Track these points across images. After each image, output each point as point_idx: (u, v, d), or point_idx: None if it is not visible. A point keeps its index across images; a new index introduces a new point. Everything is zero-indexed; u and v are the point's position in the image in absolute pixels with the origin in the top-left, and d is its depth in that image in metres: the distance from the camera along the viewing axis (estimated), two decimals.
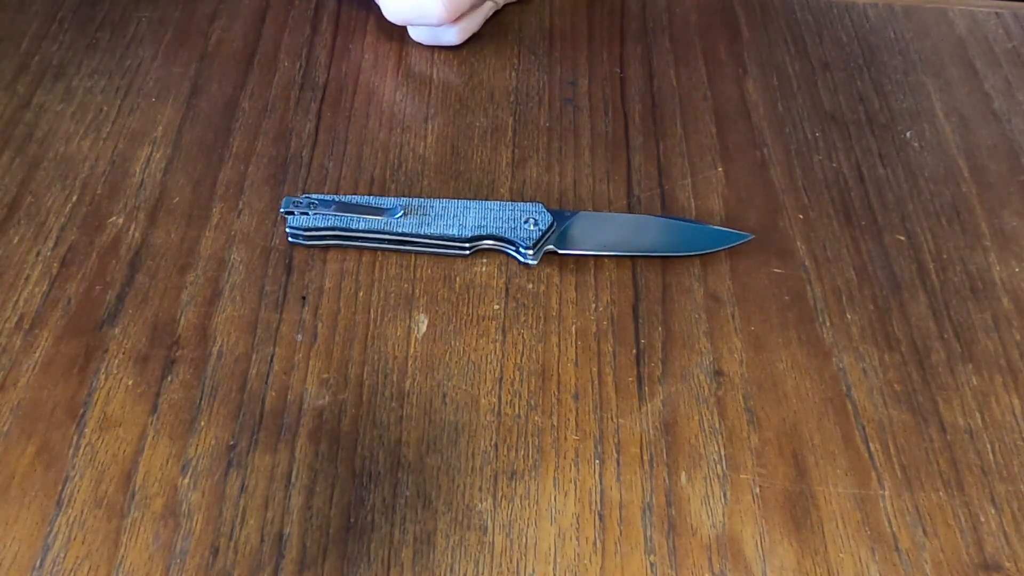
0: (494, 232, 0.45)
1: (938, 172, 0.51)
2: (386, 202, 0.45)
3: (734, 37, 0.57)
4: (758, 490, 0.39)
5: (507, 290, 0.44)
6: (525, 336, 0.43)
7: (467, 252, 0.45)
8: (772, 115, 0.53)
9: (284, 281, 0.44)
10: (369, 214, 0.45)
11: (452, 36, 0.53)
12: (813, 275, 0.46)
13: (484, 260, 0.45)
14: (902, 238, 0.48)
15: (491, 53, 0.55)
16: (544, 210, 0.45)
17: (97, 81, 0.52)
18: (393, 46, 0.55)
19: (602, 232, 0.46)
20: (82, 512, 0.36)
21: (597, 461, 0.39)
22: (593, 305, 0.44)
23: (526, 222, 0.45)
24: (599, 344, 0.43)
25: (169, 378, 0.40)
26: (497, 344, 0.42)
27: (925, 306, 0.45)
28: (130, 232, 0.45)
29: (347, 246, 0.45)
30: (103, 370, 0.40)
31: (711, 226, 0.47)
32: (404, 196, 0.46)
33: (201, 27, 0.55)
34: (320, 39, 0.55)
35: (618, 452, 0.39)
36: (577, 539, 0.37)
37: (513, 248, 0.45)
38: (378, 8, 0.56)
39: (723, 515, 0.38)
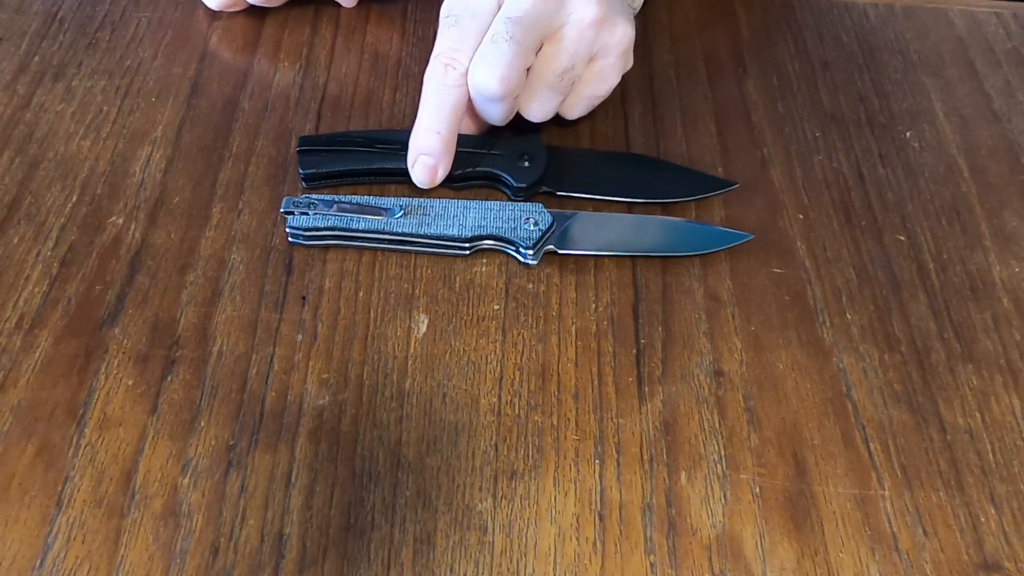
0: (494, 232, 0.45)
1: (938, 172, 0.51)
2: (386, 202, 0.45)
3: (734, 37, 0.57)
4: (758, 490, 0.39)
5: (507, 290, 0.44)
6: (525, 336, 0.43)
7: (467, 252, 0.45)
8: (772, 115, 0.53)
9: (284, 281, 0.44)
10: (369, 214, 0.45)
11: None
12: (813, 275, 0.46)
13: (484, 260, 0.45)
14: (902, 238, 0.48)
15: None
16: (544, 210, 0.45)
17: (97, 81, 0.52)
18: (393, 46, 0.55)
19: (602, 232, 0.46)
20: (82, 512, 0.36)
21: (597, 461, 0.39)
22: (593, 305, 0.44)
23: (526, 222, 0.45)
24: (599, 344, 0.43)
25: (169, 378, 0.40)
26: (497, 344, 0.42)
27: (925, 306, 0.45)
28: (130, 232, 0.45)
29: (347, 246, 0.45)
30: (103, 370, 0.40)
31: (711, 226, 0.47)
32: (404, 196, 0.46)
33: (201, 27, 0.55)
34: (320, 39, 0.55)
35: (618, 452, 0.39)
36: (577, 539, 0.37)
37: (513, 248, 0.45)
38: (378, 7, 0.56)
39: (723, 515, 0.38)
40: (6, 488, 0.37)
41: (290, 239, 0.45)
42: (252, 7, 0.54)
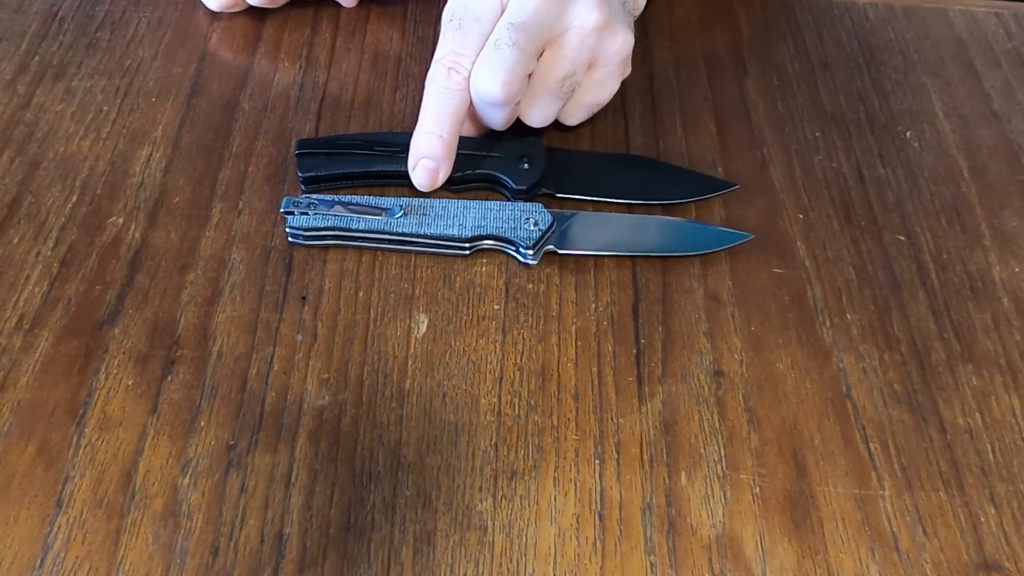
0: (494, 232, 0.45)
1: (938, 172, 0.51)
2: (386, 202, 0.45)
3: (734, 37, 0.57)
4: (758, 490, 0.39)
5: (507, 290, 0.44)
6: (525, 336, 0.43)
7: (467, 252, 0.45)
8: (772, 115, 0.53)
9: (284, 281, 0.44)
10: (369, 214, 0.45)
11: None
12: (813, 275, 0.46)
13: (484, 260, 0.45)
14: (902, 238, 0.48)
15: None
16: (544, 210, 0.45)
17: (97, 81, 0.51)
18: (393, 46, 0.55)
19: (602, 232, 0.46)
20: (82, 512, 0.36)
21: (597, 461, 0.39)
22: (593, 305, 0.44)
23: (526, 222, 0.45)
24: (599, 344, 0.43)
25: (169, 378, 0.40)
26: (497, 344, 0.42)
27: (925, 306, 0.45)
28: (130, 232, 0.45)
29: (347, 246, 0.45)
30: (103, 370, 0.40)
31: (711, 226, 0.47)
32: (404, 196, 0.46)
33: (201, 27, 0.55)
34: (320, 39, 0.55)
35: (618, 452, 0.39)
36: (577, 539, 0.37)
37: (513, 248, 0.45)
38: (378, 7, 0.56)
39: (723, 515, 0.38)
40: (6, 488, 0.37)
41: (290, 239, 0.45)
42: (252, 7, 0.54)
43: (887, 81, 0.55)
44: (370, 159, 0.47)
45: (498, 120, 0.46)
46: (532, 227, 0.45)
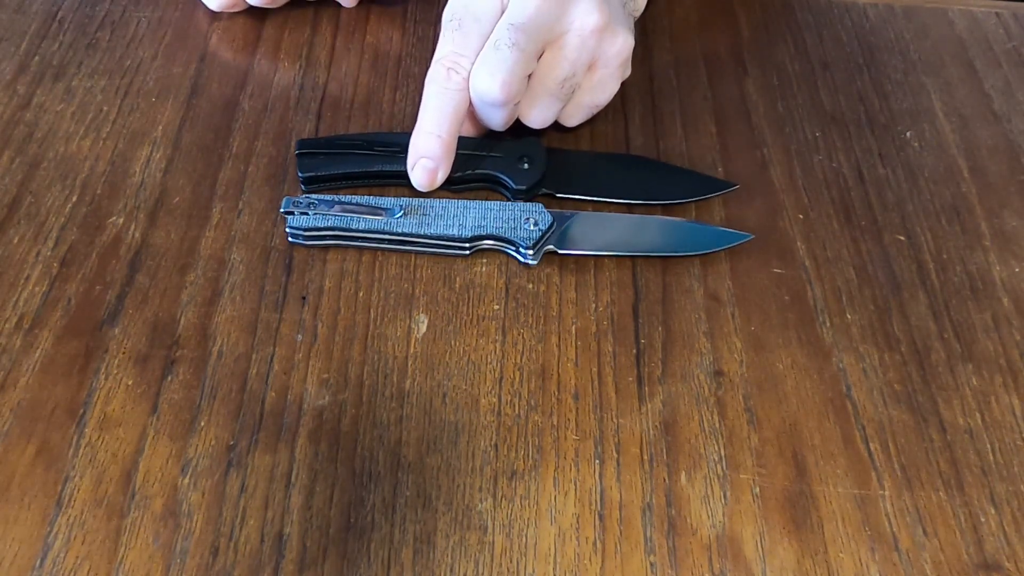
0: (494, 232, 0.45)
1: (938, 172, 0.51)
2: (386, 202, 0.45)
3: (734, 37, 0.57)
4: (758, 490, 0.39)
5: (507, 290, 0.44)
6: (525, 336, 0.43)
7: (467, 252, 0.45)
8: (772, 115, 0.53)
9: (284, 281, 0.44)
10: (369, 214, 0.45)
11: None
12: (813, 275, 0.46)
13: (484, 260, 0.45)
14: (902, 238, 0.48)
15: None
16: (544, 210, 0.45)
17: (97, 81, 0.51)
18: (393, 46, 0.55)
19: (602, 232, 0.46)
20: (82, 512, 0.36)
21: (597, 461, 0.39)
22: (593, 305, 0.44)
23: (526, 222, 0.45)
24: (599, 344, 0.43)
25: (169, 378, 0.40)
26: (497, 344, 0.42)
27: (925, 306, 0.45)
28: (130, 232, 0.45)
29: (347, 246, 0.45)
30: (103, 370, 0.40)
31: (711, 226, 0.47)
32: (404, 196, 0.46)
33: (201, 27, 0.55)
34: (320, 39, 0.55)
35: (618, 452, 0.39)
36: (577, 539, 0.37)
37: (513, 248, 0.45)
38: (378, 7, 0.56)
39: (723, 515, 0.38)
40: (6, 488, 0.37)
41: (290, 239, 0.45)
42: (252, 7, 0.55)
43: (887, 81, 0.55)
44: (370, 159, 0.47)
45: (498, 120, 0.46)
46: (532, 227, 0.45)
